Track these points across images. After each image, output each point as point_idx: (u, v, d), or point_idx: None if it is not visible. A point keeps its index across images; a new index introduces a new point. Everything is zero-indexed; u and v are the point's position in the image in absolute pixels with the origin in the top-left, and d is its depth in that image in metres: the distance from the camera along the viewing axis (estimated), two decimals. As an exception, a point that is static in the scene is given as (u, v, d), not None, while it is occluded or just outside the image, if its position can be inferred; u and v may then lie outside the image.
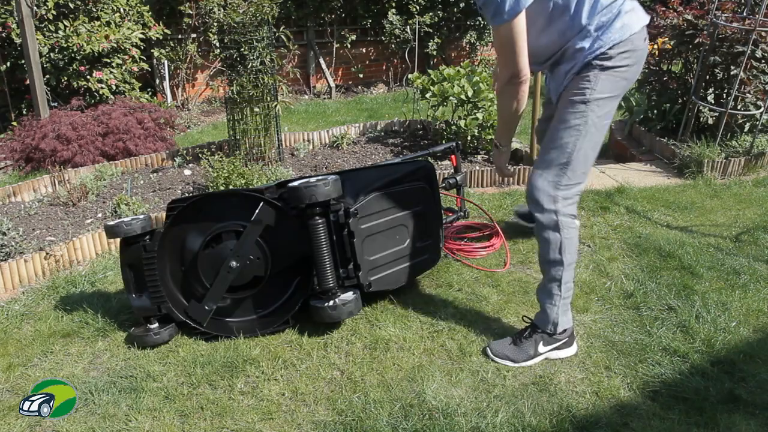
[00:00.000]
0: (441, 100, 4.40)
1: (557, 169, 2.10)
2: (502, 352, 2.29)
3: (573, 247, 2.18)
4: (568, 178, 2.10)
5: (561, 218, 2.13)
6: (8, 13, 5.09)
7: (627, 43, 2.00)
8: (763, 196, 3.82)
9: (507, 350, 2.29)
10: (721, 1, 4.24)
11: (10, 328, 2.51)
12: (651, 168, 4.35)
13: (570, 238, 2.16)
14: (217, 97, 7.00)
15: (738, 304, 2.60)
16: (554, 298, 2.24)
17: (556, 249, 2.16)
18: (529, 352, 2.27)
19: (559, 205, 2.12)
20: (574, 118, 2.05)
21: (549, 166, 2.12)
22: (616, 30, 1.99)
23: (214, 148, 4.38)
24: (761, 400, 2.06)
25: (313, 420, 2.02)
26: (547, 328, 2.26)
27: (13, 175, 4.43)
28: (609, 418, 2.00)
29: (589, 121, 2.05)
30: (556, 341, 2.29)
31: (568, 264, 2.19)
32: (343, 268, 2.46)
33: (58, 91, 5.34)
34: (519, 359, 2.26)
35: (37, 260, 2.85)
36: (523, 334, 2.30)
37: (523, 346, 2.28)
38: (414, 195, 2.65)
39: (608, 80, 2.03)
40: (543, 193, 2.12)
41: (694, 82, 4.34)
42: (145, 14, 5.91)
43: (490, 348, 2.32)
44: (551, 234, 2.15)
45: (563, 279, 2.20)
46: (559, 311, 2.25)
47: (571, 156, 2.08)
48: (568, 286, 2.23)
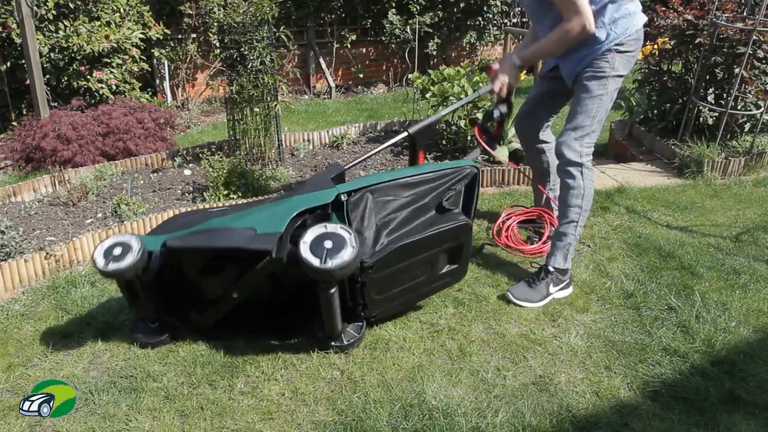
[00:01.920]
0: (441, 100, 4.39)
1: (582, 130, 2.59)
2: (522, 294, 2.63)
3: (590, 196, 2.66)
4: (589, 136, 2.61)
5: (584, 170, 2.62)
6: (8, 13, 5.09)
7: (634, 33, 2.52)
8: (763, 196, 3.82)
9: (526, 293, 2.64)
10: (721, 1, 4.24)
11: (10, 328, 2.51)
12: (651, 168, 4.35)
13: (589, 187, 2.64)
14: (217, 97, 6.99)
15: (738, 304, 2.60)
16: (568, 238, 2.67)
17: (580, 195, 2.63)
18: (542, 293, 2.64)
19: (584, 158, 2.61)
20: (597, 90, 2.55)
21: (576, 127, 2.60)
22: (626, 23, 2.50)
23: (214, 148, 4.39)
24: (761, 400, 2.06)
25: (313, 420, 2.02)
26: (560, 265, 2.67)
27: (13, 175, 4.42)
28: (609, 418, 2.00)
29: (607, 92, 2.57)
30: (562, 282, 2.68)
31: (585, 210, 2.65)
32: (351, 302, 2.29)
33: (58, 91, 5.34)
34: (535, 299, 2.62)
35: (37, 260, 2.85)
36: (538, 276, 2.67)
37: (538, 288, 2.64)
38: (452, 233, 2.33)
39: (622, 61, 2.54)
40: (572, 150, 2.60)
41: (694, 82, 4.34)
42: (145, 14, 5.91)
43: (510, 293, 2.64)
44: (576, 182, 2.62)
45: (579, 222, 2.65)
46: (570, 250, 2.68)
47: (594, 119, 2.58)
48: (579, 230, 2.67)
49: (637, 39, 2.55)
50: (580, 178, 2.62)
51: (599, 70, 2.55)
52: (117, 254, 2.16)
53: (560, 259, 2.68)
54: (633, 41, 2.54)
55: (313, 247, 2.01)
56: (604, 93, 2.58)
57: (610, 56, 2.53)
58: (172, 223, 2.44)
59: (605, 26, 2.51)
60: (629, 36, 2.51)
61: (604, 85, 2.57)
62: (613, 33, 2.50)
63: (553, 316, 2.57)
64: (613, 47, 2.52)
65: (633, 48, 2.56)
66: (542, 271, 2.68)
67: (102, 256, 2.17)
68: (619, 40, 2.51)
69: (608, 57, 2.53)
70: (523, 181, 4.00)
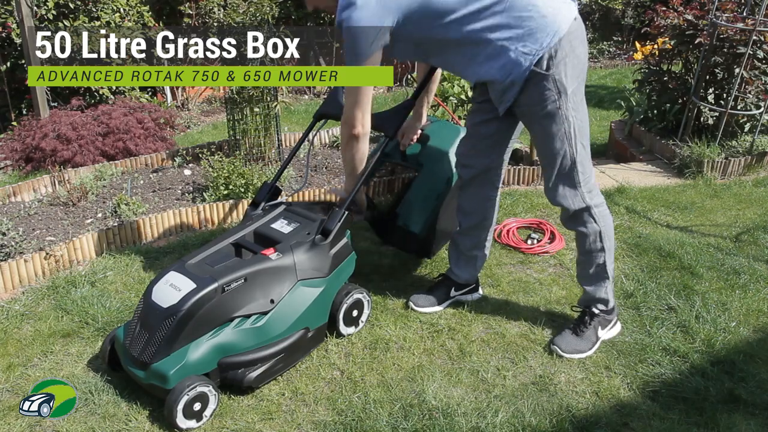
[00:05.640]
0: (441, 99, 4.39)
1: (568, 172, 2.16)
2: (572, 347, 2.32)
3: (611, 232, 2.28)
4: (581, 174, 2.17)
5: (594, 210, 2.22)
6: (8, 13, 5.09)
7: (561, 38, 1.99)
8: (763, 196, 3.82)
9: (574, 343, 2.33)
10: (721, 1, 4.24)
11: (10, 328, 2.51)
12: (651, 168, 4.35)
13: (606, 225, 2.26)
14: (217, 97, 6.99)
15: (738, 304, 2.60)
16: (605, 282, 2.32)
17: (597, 239, 2.25)
18: (592, 339, 2.34)
19: (587, 199, 2.20)
20: (559, 122, 2.09)
21: (560, 175, 2.18)
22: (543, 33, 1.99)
23: (214, 148, 4.38)
24: (761, 400, 2.06)
25: (313, 420, 2.02)
26: (606, 307, 2.36)
27: (13, 175, 4.42)
28: (609, 418, 2.00)
29: (570, 113, 2.08)
30: (609, 322, 2.39)
31: (609, 248, 2.28)
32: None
33: (58, 91, 5.34)
34: (586, 349, 2.32)
35: (37, 260, 2.85)
36: (583, 322, 2.35)
37: (585, 335, 2.34)
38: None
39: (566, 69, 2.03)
40: (568, 199, 2.20)
41: (694, 82, 4.34)
42: (145, 14, 5.91)
43: (557, 346, 2.33)
44: (588, 228, 2.24)
45: (607, 263, 2.29)
46: (610, 290, 2.35)
47: (574, 156, 2.13)
48: (612, 268, 2.32)
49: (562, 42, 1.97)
50: (593, 223, 2.22)
51: (545, 103, 2.04)
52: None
53: (605, 302, 2.36)
54: (562, 45, 1.97)
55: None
56: (567, 124, 2.08)
57: (548, 80, 2.00)
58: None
59: (511, 50, 1.99)
60: (552, 45, 1.96)
61: (560, 117, 2.06)
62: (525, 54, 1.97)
63: (553, 316, 2.56)
64: (536, 67, 1.98)
65: (567, 51, 1.99)
66: (586, 316, 2.37)
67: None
68: (537, 58, 1.97)
69: (545, 83, 2.00)
70: (523, 181, 4.00)
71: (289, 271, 2.19)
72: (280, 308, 2.15)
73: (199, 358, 2.00)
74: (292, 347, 2.16)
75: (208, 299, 2.01)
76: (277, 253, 2.19)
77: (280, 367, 2.16)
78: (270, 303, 2.14)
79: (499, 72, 2.04)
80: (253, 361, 2.08)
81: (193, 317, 1.99)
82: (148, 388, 2.03)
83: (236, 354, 2.07)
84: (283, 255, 2.19)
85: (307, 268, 2.22)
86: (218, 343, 2.04)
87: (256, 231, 2.39)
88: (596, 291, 2.34)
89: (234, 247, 2.32)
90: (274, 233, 2.34)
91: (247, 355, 2.07)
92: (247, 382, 2.05)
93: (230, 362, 2.06)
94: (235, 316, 2.09)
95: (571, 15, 2.02)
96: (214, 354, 2.03)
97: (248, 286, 2.10)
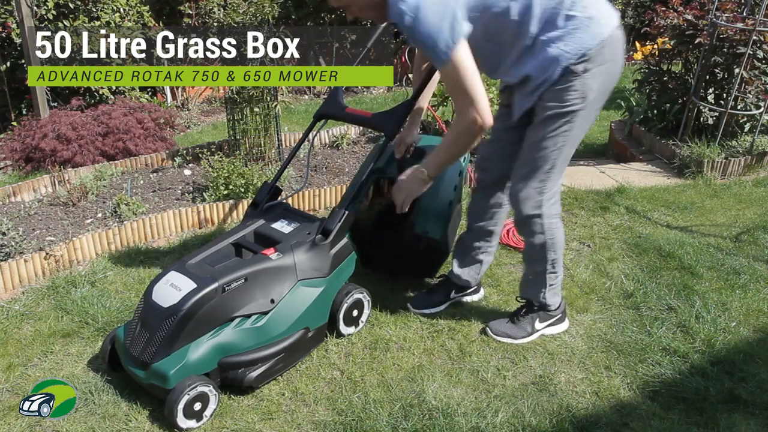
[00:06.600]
0: (441, 100, 4.39)
1: (542, 175, 2.12)
2: (502, 330, 2.41)
3: (559, 244, 2.26)
4: (552, 181, 2.14)
5: (545, 221, 2.18)
6: (8, 13, 5.09)
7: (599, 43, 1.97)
8: (763, 196, 3.82)
9: (506, 328, 2.41)
10: (721, 1, 4.24)
11: (10, 328, 2.51)
12: (651, 168, 4.35)
13: (554, 237, 2.22)
14: (217, 97, 6.99)
15: (738, 304, 2.60)
16: (542, 289, 2.34)
17: (543, 249, 2.25)
18: (527, 329, 2.40)
19: (544, 208, 2.16)
20: (562, 128, 2.06)
21: (531, 176, 2.13)
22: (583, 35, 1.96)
23: (214, 148, 4.38)
24: (761, 400, 2.06)
25: (313, 420, 2.02)
26: (546, 310, 2.40)
27: (13, 175, 4.42)
28: (609, 418, 2.00)
29: (575, 127, 2.06)
30: (551, 317, 2.42)
31: (552, 260, 2.28)
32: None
33: (58, 91, 5.34)
34: (518, 336, 2.39)
35: (37, 260, 2.85)
36: (520, 312, 2.42)
37: (521, 324, 2.40)
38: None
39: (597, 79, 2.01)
40: (528, 202, 2.15)
41: (694, 82, 4.34)
42: (144, 14, 5.91)
43: (489, 328, 2.43)
44: (536, 237, 2.22)
45: (548, 272, 2.30)
46: (548, 296, 2.36)
47: (557, 160, 2.11)
48: (554, 276, 2.32)
49: (603, 47, 1.96)
50: (541, 233, 2.19)
51: (564, 104, 2.00)
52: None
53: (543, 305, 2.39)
54: (603, 51, 1.96)
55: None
56: (569, 129, 2.05)
57: (577, 82, 1.97)
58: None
59: (551, 43, 1.94)
60: (590, 49, 1.94)
61: (569, 121, 2.03)
62: (565, 52, 1.94)
63: (553, 316, 2.56)
64: (574, 66, 1.95)
65: (607, 59, 1.98)
66: (524, 307, 2.42)
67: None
68: (576, 58, 1.94)
69: (575, 84, 1.97)
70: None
71: (289, 271, 2.19)
72: (280, 308, 2.15)
73: (200, 357, 2.00)
74: (293, 347, 2.16)
75: (209, 299, 2.01)
76: (277, 253, 2.20)
77: (281, 367, 2.16)
78: (270, 303, 2.14)
79: (536, 69, 2.00)
80: (254, 361, 2.08)
81: (194, 317, 1.99)
82: (148, 388, 2.03)
83: (236, 354, 2.07)
84: (284, 255, 2.19)
85: (307, 268, 2.22)
86: (218, 343, 2.04)
87: (256, 231, 2.39)
88: (533, 296, 2.38)
89: (234, 247, 2.32)
90: (274, 233, 2.35)
91: (248, 355, 2.08)
92: (248, 382, 2.06)
93: (230, 362, 2.06)
94: (235, 316, 2.09)
95: (614, 22, 2.00)
96: (214, 354, 2.03)
97: (248, 286, 2.10)
